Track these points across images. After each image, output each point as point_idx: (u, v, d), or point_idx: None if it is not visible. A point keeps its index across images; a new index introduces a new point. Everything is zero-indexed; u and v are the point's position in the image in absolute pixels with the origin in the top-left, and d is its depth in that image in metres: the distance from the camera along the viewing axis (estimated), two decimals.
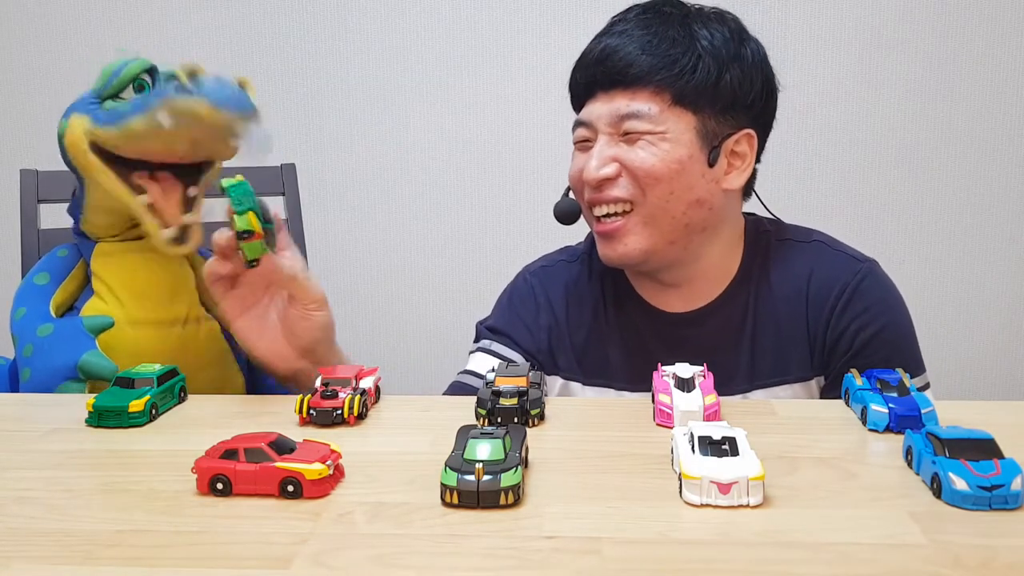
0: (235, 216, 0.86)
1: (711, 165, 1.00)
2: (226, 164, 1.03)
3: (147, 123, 0.92)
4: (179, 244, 0.97)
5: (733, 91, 0.99)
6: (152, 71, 0.99)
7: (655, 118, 0.98)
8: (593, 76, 1.02)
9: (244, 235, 0.86)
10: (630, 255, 1.01)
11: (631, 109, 0.99)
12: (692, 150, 0.99)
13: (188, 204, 0.98)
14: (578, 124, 1.04)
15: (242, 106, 0.92)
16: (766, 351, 1.04)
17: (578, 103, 1.06)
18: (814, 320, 1.03)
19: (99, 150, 0.97)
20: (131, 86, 0.97)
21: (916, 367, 1.03)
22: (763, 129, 1.06)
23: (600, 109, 1.01)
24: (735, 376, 1.04)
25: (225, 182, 0.87)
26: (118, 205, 0.98)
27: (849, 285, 1.03)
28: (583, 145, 1.04)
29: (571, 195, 1.07)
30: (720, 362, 0.99)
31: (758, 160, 1.07)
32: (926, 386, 1.03)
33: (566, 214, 1.07)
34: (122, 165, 0.96)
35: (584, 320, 1.10)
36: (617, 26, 1.02)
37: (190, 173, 0.99)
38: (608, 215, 1.01)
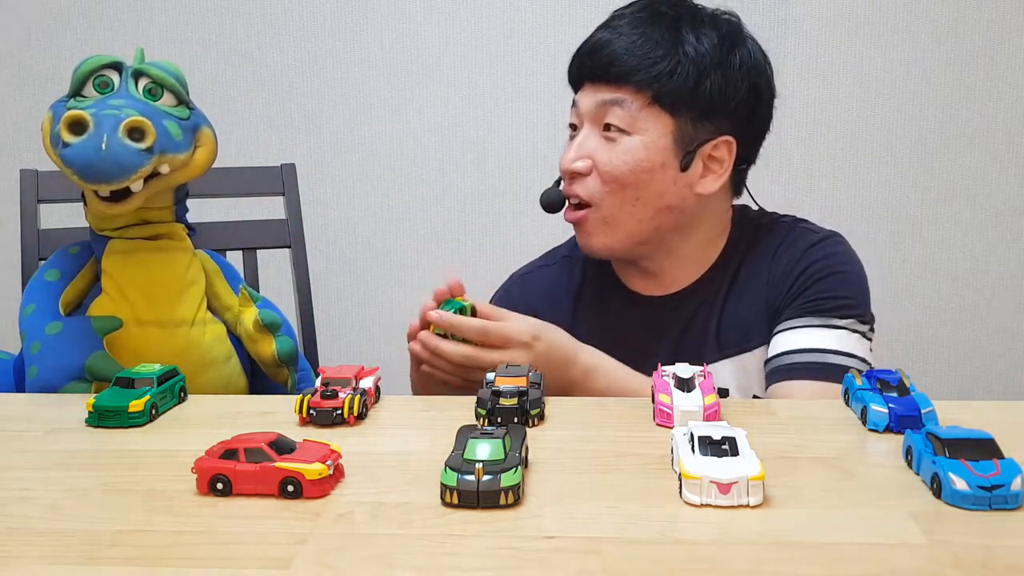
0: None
1: (683, 170, 1.02)
2: (224, 165, 1.03)
3: None
4: (116, 202, 0.93)
5: (712, 97, 1.01)
6: (119, 66, 0.96)
7: (634, 113, 1.01)
8: (583, 66, 1.06)
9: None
10: (595, 249, 1.07)
11: (612, 97, 1.02)
12: (666, 157, 1.02)
13: None
14: (573, 104, 1.08)
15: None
16: (732, 323, 1.07)
17: (574, 89, 1.10)
18: (772, 286, 1.06)
19: None
20: (92, 83, 0.95)
21: (851, 310, 1.03)
22: (751, 134, 1.07)
23: (587, 99, 1.05)
24: (705, 350, 1.07)
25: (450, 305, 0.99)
26: None
27: (801, 249, 1.07)
28: (572, 133, 1.08)
29: (562, 185, 1.10)
30: (691, 340, 1.06)
31: (752, 162, 1.10)
32: (863, 336, 1.03)
33: (549, 203, 1.10)
34: None
35: (564, 320, 1.11)
36: (614, 20, 1.06)
37: None
38: (577, 205, 1.06)
